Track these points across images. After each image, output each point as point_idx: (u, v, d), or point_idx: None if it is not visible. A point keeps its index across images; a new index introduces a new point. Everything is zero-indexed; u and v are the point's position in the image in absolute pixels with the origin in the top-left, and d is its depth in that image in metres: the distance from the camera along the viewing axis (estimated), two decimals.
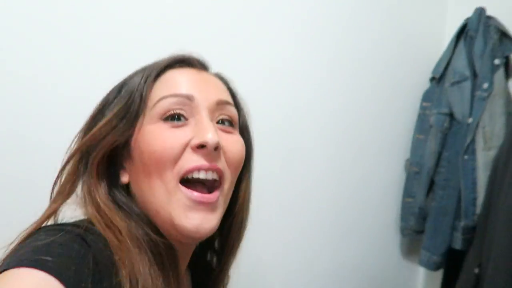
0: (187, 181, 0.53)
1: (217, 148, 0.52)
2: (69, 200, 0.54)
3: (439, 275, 1.55)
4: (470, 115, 1.42)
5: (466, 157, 1.40)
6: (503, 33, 1.39)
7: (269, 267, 1.29)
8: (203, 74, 0.58)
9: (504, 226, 1.15)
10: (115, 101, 0.56)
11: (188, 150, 0.52)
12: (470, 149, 1.40)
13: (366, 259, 1.55)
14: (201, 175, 0.52)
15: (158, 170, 0.51)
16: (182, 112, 0.53)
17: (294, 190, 1.33)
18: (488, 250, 1.21)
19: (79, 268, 0.40)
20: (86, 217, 0.52)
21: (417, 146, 1.58)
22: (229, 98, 0.59)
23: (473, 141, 1.40)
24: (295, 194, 1.33)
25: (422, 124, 1.58)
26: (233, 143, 0.56)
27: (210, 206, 0.53)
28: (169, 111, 0.53)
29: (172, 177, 0.52)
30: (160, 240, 0.52)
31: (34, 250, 0.40)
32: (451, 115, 1.48)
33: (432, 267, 1.46)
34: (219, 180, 0.55)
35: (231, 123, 0.58)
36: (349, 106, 1.45)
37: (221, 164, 0.55)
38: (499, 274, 1.13)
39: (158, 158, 0.51)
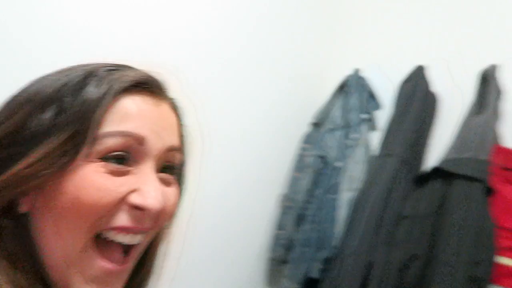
0: (100, 236, 0.43)
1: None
2: None
3: None
4: (340, 159, 1.61)
5: (330, 196, 1.56)
6: (370, 93, 1.63)
7: None
8: (161, 107, 0.47)
9: (350, 260, 1.30)
10: (59, 119, 0.41)
11: (121, 204, 0.43)
12: (335, 189, 1.56)
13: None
14: (126, 239, 0.44)
15: (76, 221, 0.41)
16: (128, 155, 0.43)
17: None
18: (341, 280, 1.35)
19: None
20: None
21: (293, 182, 1.71)
22: (179, 142, 0.50)
23: (338, 182, 1.57)
24: None
25: (300, 163, 1.73)
26: (170, 198, 0.47)
27: (120, 275, 0.45)
28: (113, 151, 0.42)
29: (87, 230, 0.42)
30: None
31: None
32: (325, 158, 1.65)
33: None
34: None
35: (173, 171, 0.49)
36: (238, 134, 1.53)
37: (150, 223, 0.45)
38: None
39: (86, 211, 0.41)
